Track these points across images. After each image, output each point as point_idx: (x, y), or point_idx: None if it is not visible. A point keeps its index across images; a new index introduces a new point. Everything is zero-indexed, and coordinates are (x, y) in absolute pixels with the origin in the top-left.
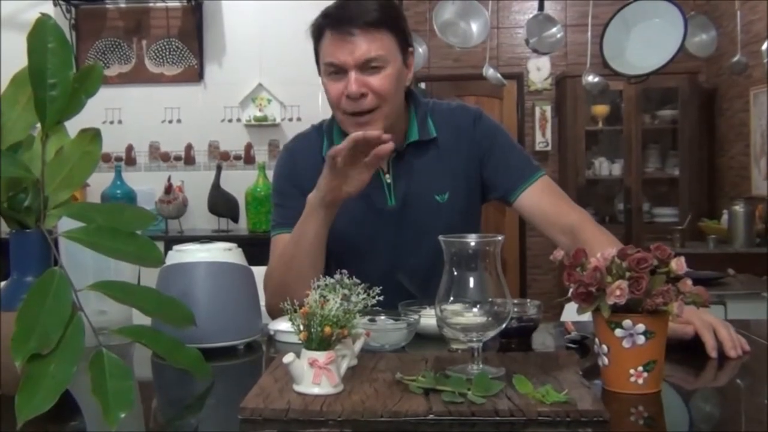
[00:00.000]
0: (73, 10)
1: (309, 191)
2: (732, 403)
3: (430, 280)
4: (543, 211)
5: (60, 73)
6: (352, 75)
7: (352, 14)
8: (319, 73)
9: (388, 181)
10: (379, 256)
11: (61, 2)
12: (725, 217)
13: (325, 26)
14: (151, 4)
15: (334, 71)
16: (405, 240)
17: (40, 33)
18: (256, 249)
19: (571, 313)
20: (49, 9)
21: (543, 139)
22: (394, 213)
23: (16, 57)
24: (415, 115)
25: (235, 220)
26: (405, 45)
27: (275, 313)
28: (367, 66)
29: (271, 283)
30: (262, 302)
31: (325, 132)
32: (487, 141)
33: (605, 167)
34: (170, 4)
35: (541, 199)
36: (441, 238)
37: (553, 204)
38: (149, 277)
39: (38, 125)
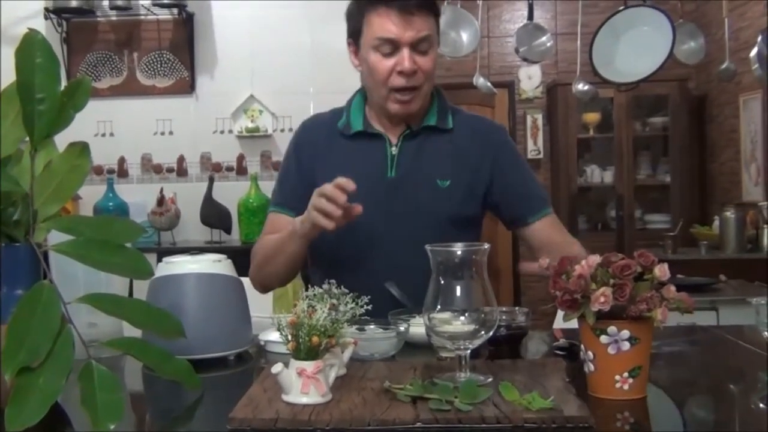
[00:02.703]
0: (64, 23)
1: (310, 166)
2: (718, 408)
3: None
4: (552, 242)
5: (48, 88)
6: (406, 52)
7: None
8: (354, 49)
9: (394, 153)
10: (373, 228)
11: (52, 16)
12: (717, 223)
13: (381, 2)
14: (142, 17)
15: (386, 47)
16: (399, 212)
17: (27, 48)
18: (248, 260)
19: None
20: (41, 22)
21: (535, 147)
22: (391, 184)
23: (7, 71)
24: (437, 104)
25: (228, 231)
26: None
27: (256, 286)
28: (417, 45)
29: (254, 262)
30: (253, 313)
31: (345, 109)
32: (507, 158)
33: (597, 174)
34: (161, 17)
35: (551, 231)
36: (427, 247)
37: (560, 238)
38: (142, 289)
39: (27, 139)
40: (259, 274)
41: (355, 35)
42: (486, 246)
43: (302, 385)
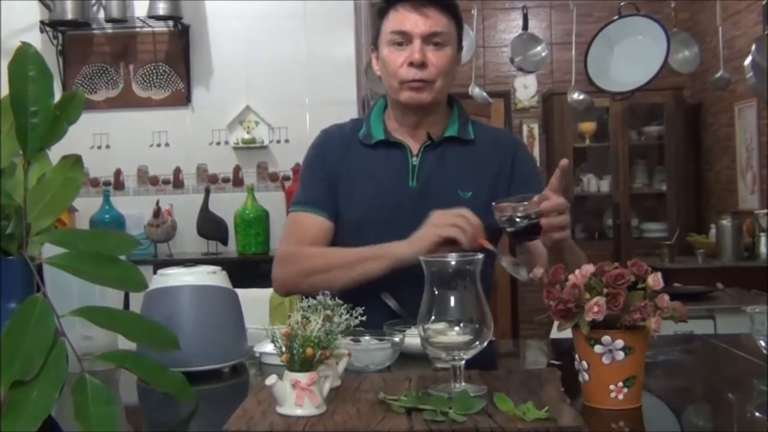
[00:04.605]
0: (60, 36)
1: (334, 171)
2: (713, 417)
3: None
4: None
5: (41, 101)
6: (417, 44)
7: None
8: (375, 51)
9: (415, 163)
10: (396, 237)
11: (48, 29)
12: (713, 231)
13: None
14: (137, 29)
15: (399, 40)
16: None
17: (20, 62)
18: (245, 271)
19: None
20: (36, 35)
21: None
22: (413, 193)
23: (3, 83)
24: (457, 114)
25: (224, 242)
26: (460, 37)
27: (284, 290)
28: (430, 40)
29: (299, 265)
30: (248, 324)
31: (364, 119)
32: (524, 171)
33: (593, 183)
34: (157, 29)
35: None
36: (421, 257)
37: None
38: (139, 301)
39: (21, 152)
40: (309, 280)
41: (375, 39)
42: (480, 256)
43: (296, 397)
